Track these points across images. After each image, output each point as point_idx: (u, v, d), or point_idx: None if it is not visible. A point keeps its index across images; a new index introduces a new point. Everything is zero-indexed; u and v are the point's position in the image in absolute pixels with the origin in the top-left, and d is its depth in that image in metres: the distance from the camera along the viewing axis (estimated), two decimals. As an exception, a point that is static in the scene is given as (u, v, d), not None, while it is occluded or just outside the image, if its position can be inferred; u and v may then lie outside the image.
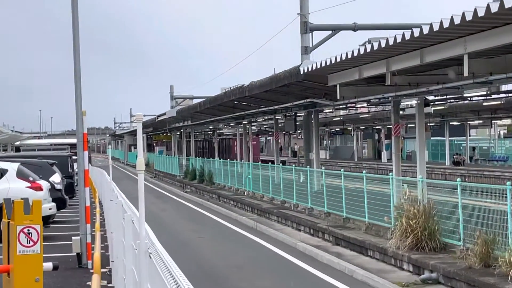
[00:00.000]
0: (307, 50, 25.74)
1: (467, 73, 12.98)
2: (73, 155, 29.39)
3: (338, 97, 19.81)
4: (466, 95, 24.70)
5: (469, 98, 29.41)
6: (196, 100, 54.46)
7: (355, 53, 15.43)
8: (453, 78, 15.82)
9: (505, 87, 22.83)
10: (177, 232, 23.19)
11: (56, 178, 23.13)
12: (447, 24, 11.42)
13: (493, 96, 29.67)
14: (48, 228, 19.67)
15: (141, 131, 6.06)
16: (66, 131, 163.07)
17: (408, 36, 12.84)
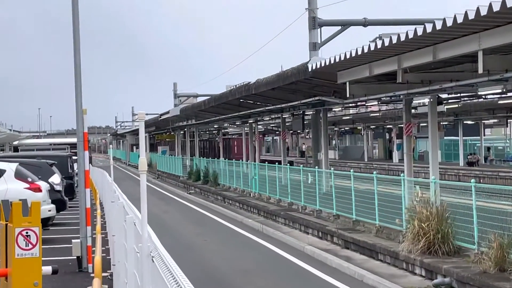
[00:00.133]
0: (316, 47, 25.72)
1: (482, 70, 12.93)
2: (73, 155, 29.43)
3: (348, 95, 19.79)
4: (481, 93, 24.62)
5: (484, 96, 29.34)
6: (201, 98, 54.53)
7: (365, 50, 15.41)
8: (467, 76, 15.79)
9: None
10: (181, 235, 23.21)
11: (56, 179, 23.17)
12: (461, 19, 11.39)
13: (509, 94, 29.54)
14: (47, 231, 19.71)
15: (144, 130, 6.06)
16: (66, 130, 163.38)
17: (421, 32, 12.81)
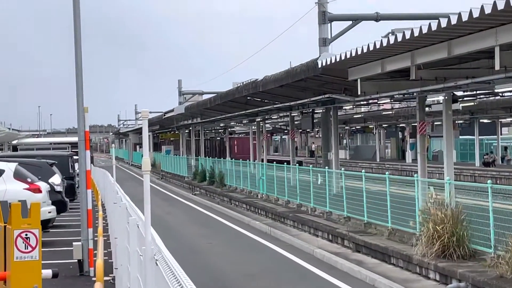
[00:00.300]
0: (326, 42, 25.71)
1: (499, 67, 12.91)
2: (74, 155, 29.50)
3: (359, 93, 19.77)
4: (498, 91, 24.56)
5: (501, 94, 29.28)
6: (206, 96, 54.61)
7: (378, 45, 15.39)
8: (483, 72, 15.77)
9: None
10: (186, 238, 23.23)
11: (56, 179, 23.22)
12: (477, 14, 11.37)
13: (527, 92, 29.50)
14: (48, 233, 19.75)
15: (147, 129, 6.07)
16: (67, 129, 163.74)
17: (435, 27, 12.79)
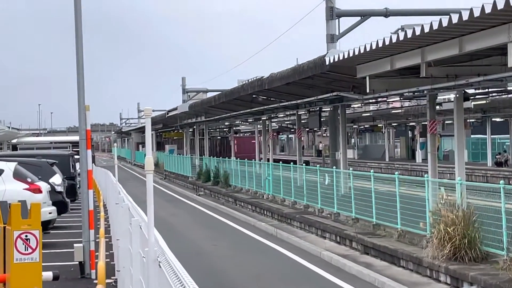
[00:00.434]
0: (333, 39, 25.68)
1: (512, 64, 12.89)
2: (75, 154, 29.54)
3: (368, 91, 19.76)
4: (510, 88, 24.54)
5: (514, 92, 29.22)
6: (211, 94, 54.60)
7: (387, 42, 15.38)
8: (496, 70, 15.74)
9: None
10: (190, 239, 23.25)
11: (57, 179, 23.26)
12: (489, 9, 11.35)
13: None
14: (48, 234, 19.79)
15: (150, 128, 6.07)
16: (68, 128, 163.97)
17: (446, 23, 12.78)
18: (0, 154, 34.47)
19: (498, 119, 53.78)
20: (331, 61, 19.59)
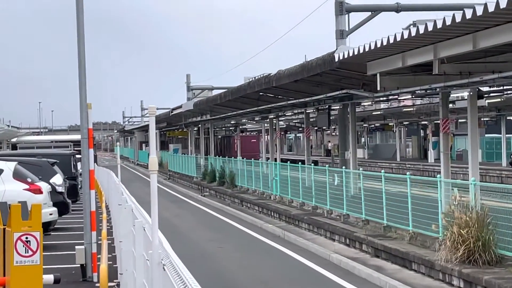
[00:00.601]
0: (343, 34, 25.66)
1: (527, 61, 12.88)
2: (77, 154, 29.59)
3: (378, 88, 19.74)
4: (526, 86, 24.51)
5: (530, 89, 29.18)
6: (216, 91, 54.59)
7: (398, 38, 15.37)
8: (511, 66, 15.70)
9: None
10: (194, 242, 23.26)
11: (58, 180, 23.30)
12: (504, 4, 11.33)
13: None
14: (49, 236, 19.82)
15: (154, 126, 6.08)
16: (69, 127, 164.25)
17: (459, 18, 12.75)
18: (0, 154, 34.54)
19: (513, 118, 53.68)
20: (341, 58, 19.57)
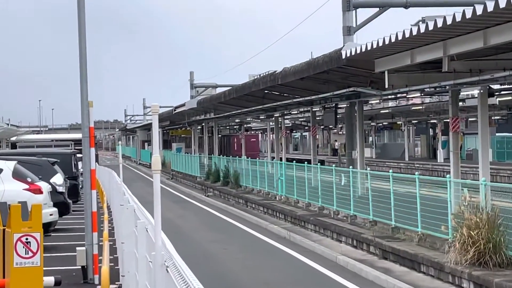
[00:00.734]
0: (350, 31, 25.64)
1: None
2: (78, 153, 29.62)
3: (386, 86, 19.71)
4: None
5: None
6: (220, 89, 54.63)
7: (407, 34, 15.35)
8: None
9: None
10: (198, 243, 23.28)
11: (58, 179, 23.32)
12: (516, 0, 11.31)
13: None
14: (49, 237, 19.83)
15: (157, 125, 6.08)
16: (70, 125, 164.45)
17: (470, 14, 12.74)
18: (-1, 153, 34.58)
19: (525, 116, 53.65)
20: (348, 55, 19.56)
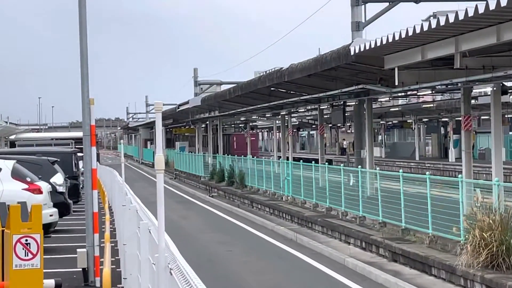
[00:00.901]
0: (359, 26, 25.61)
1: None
2: (79, 152, 29.65)
3: (396, 83, 19.70)
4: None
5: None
6: (225, 87, 54.64)
7: (418, 30, 15.33)
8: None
9: None
10: (202, 244, 23.29)
11: (58, 179, 23.35)
12: (530, -6, 11.29)
13: None
14: (49, 239, 19.85)
15: (161, 123, 6.08)
16: (70, 123, 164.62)
17: (482, 9, 12.71)
18: (-3, 152, 34.62)
19: (539, 115, 53.51)
20: (357, 51, 19.53)
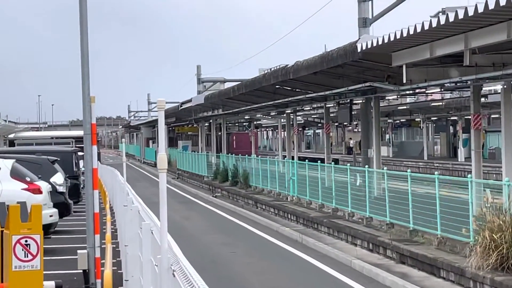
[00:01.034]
0: (366, 23, 25.61)
1: None
2: (79, 151, 29.67)
3: (404, 81, 19.69)
4: None
5: None
6: (229, 84, 54.61)
7: (426, 26, 15.32)
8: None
9: None
10: (205, 246, 23.31)
11: (58, 179, 23.38)
12: (542, -10, 11.28)
13: None
14: (49, 240, 19.87)
15: (163, 122, 6.09)
16: (71, 122, 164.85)
17: (493, 5, 12.70)
18: (-4, 151, 34.66)
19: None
20: (364, 48, 19.52)
